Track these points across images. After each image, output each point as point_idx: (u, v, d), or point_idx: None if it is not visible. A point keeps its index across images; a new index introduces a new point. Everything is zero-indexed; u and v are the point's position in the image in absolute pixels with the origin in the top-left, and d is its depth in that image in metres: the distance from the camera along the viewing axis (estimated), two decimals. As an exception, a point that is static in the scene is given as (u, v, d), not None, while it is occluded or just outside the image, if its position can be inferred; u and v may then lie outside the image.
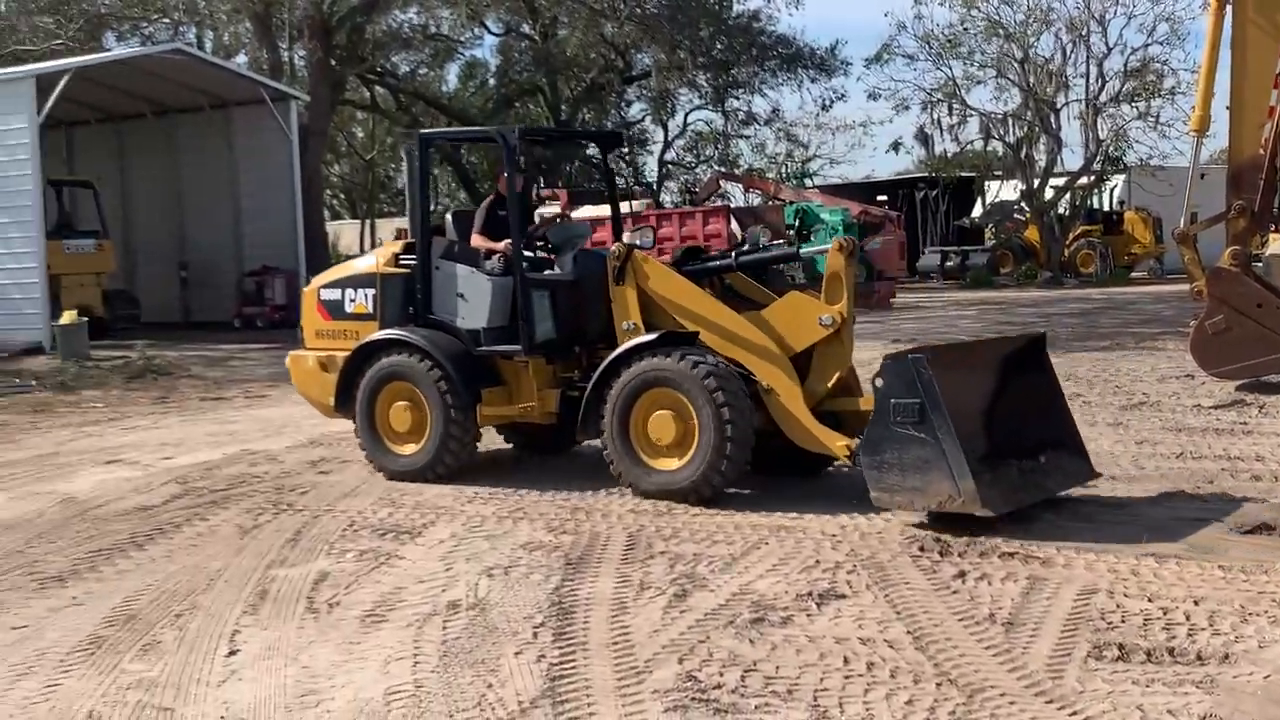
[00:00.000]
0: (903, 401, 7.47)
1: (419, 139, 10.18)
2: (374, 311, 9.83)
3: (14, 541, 8.02)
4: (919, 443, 7.39)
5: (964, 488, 7.25)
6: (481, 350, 9.42)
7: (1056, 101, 41.96)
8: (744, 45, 43.01)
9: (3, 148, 22.55)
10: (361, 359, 9.62)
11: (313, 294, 10.34)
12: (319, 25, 31.08)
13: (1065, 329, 21.90)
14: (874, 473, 7.61)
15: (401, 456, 9.52)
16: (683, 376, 8.33)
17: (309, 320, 10.32)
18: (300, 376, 10.42)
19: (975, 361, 8.48)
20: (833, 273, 8.53)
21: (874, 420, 7.68)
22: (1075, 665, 5.22)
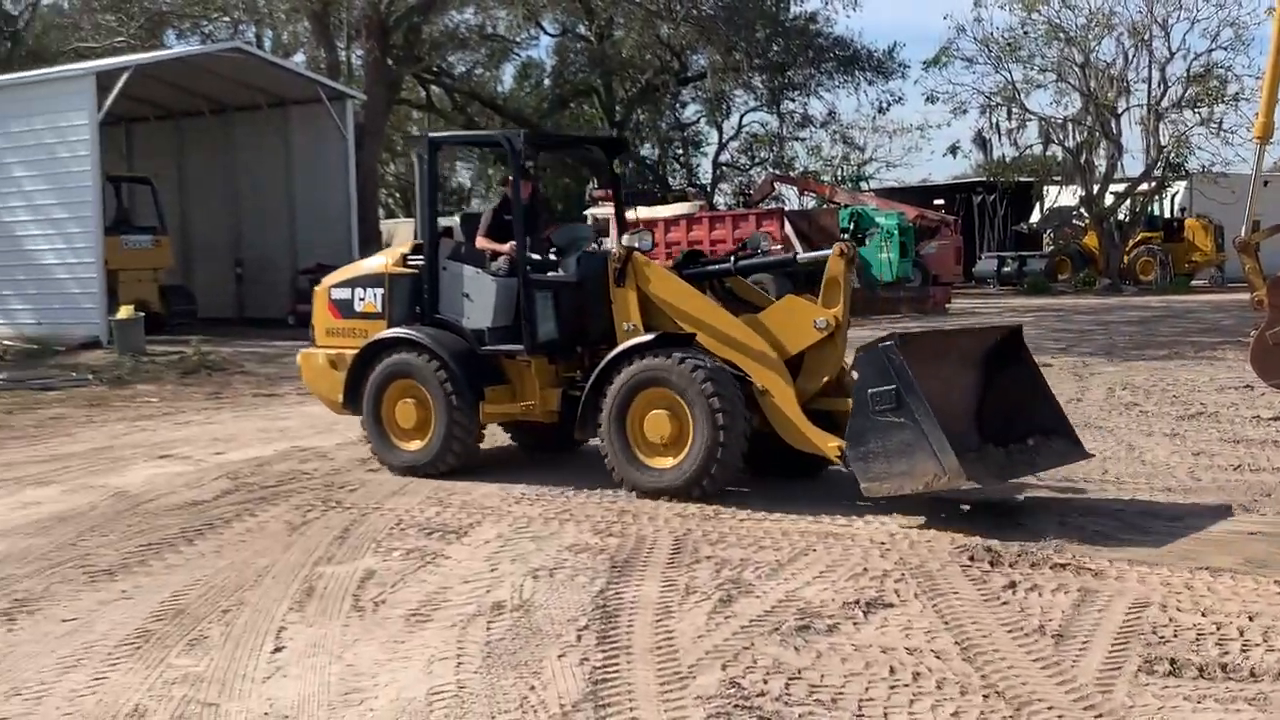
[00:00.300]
0: (879, 390, 7.68)
1: (427, 142, 10.42)
2: (382, 310, 10.07)
3: (66, 534, 8.10)
4: (899, 428, 7.58)
5: (947, 464, 7.43)
6: (485, 349, 9.62)
7: (1117, 106, 41.52)
8: (800, 47, 42.91)
9: (63, 144, 22.81)
10: (369, 357, 9.85)
11: (324, 293, 10.56)
12: (376, 25, 31.28)
13: (1123, 337, 21.64)
14: (861, 464, 7.82)
15: (406, 452, 9.73)
16: (678, 376, 8.52)
17: (320, 318, 10.55)
18: (310, 373, 10.66)
19: (951, 350, 8.66)
20: (831, 277, 8.65)
21: (854, 413, 7.90)
22: (1125, 679, 5.13)
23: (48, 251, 23.16)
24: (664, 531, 7.74)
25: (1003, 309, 31.54)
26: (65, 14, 41.53)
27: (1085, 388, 14.50)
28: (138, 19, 37.42)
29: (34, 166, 23.18)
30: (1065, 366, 16.76)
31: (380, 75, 32.14)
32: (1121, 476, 9.37)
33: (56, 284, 23.06)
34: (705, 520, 8.02)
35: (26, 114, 23.36)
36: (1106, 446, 10.60)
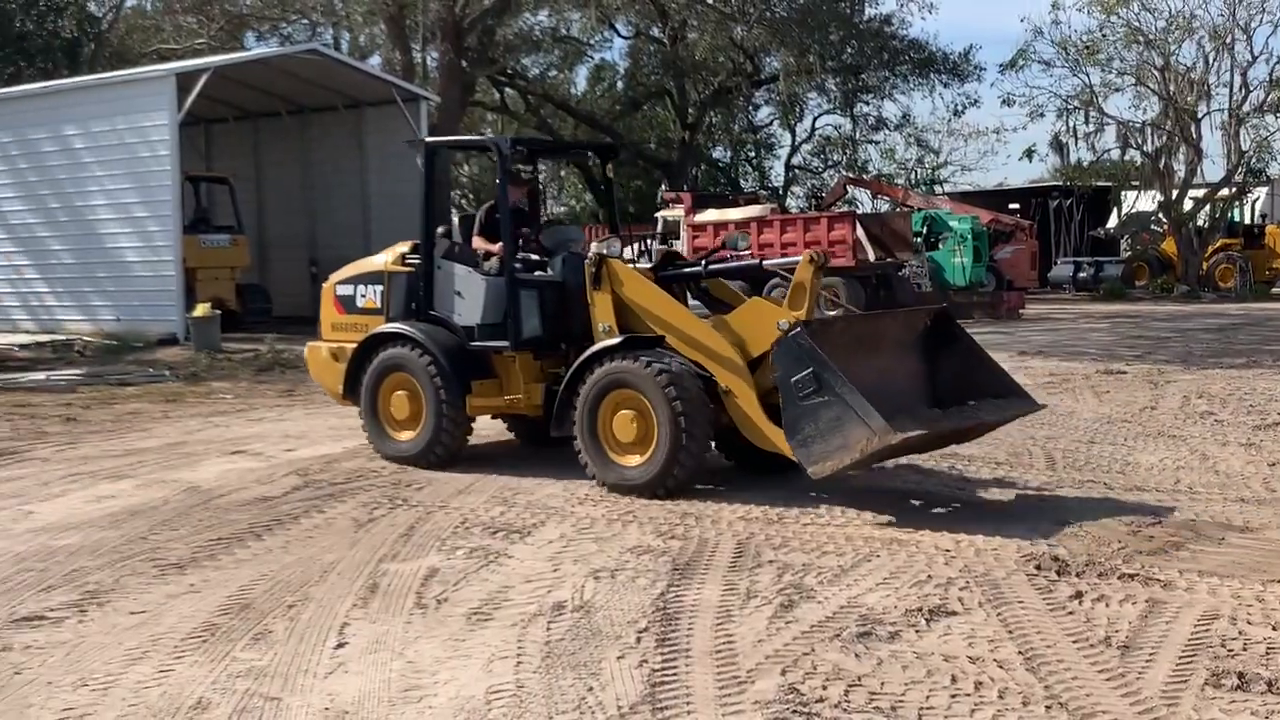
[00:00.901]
0: (799, 376, 7.98)
1: (424, 147, 10.82)
2: (381, 306, 10.65)
3: (138, 528, 8.23)
4: (825, 406, 7.87)
5: (874, 424, 7.67)
6: (475, 345, 10.09)
7: (1197, 111, 40.85)
8: (875, 50, 42.69)
9: (144, 144, 23.19)
10: (367, 350, 10.38)
11: (330, 289, 11.16)
12: (451, 27, 31.51)
13: (1200, 345, 21.28)
14: (803, 450, 8.04)
15: (399, 442, 10.24)
16: (641, 378, 8.84)
17: (326, 313, 11.16)
18: (316, 366, 11.28)
19: (873, 332, 9.11)
20: (798, 282, 8.91)
21: (785, 405, 8.15)
22: (1192, 693, 5.05)
23: (128, 249, 23.55)
24: (726, 535, 7.73)
25: (1077, 315, 31.14)
26: (148, 16, 42.28)
27: (1160, 396, 14.28)
28: (218, 21, 38.00)
29: (115, 166, 23.58)
30: (1140, 374, 16.52)
31: (454, 77, 32.38)
32: (1194, 486, 9.22)
33: (136, 281, 23.45)
34: (768, 524, 7.99)
35: (108, 114, 23.78)
36: (1180, 456, 10.45)
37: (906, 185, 46.67)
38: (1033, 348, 20.81)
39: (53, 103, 25.19)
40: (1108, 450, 10.75)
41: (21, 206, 24.92)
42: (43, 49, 36.46)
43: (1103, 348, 21.01)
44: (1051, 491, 9.09)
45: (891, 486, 9.23)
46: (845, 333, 8.79)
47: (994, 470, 9.88)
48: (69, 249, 24.42)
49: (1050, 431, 11.78)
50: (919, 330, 9.11)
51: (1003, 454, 10.56)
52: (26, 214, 24.88)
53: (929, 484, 9.38)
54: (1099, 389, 15.04)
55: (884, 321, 9.68)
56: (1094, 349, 20.80)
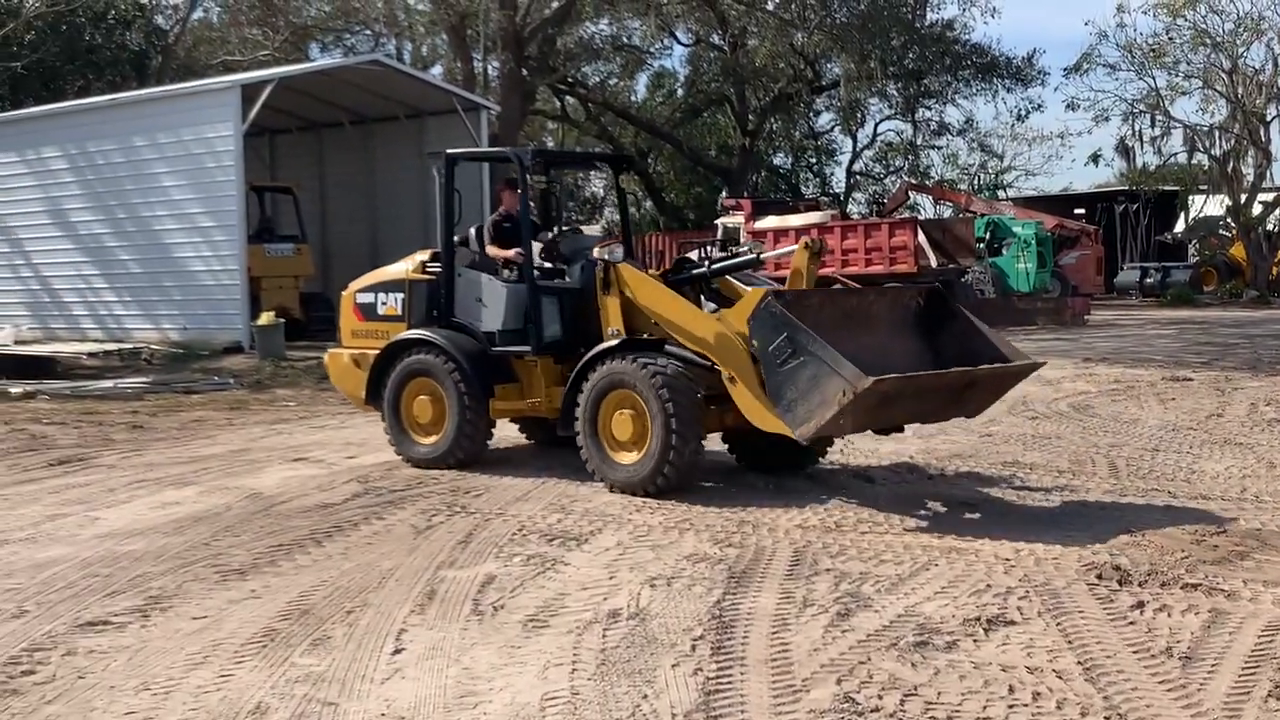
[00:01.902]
0: (774, 343, 8.18)
1: (445, 158, 10.95)
2: (403, 314, 10.90)
3: (201, 534, 8.34)
4: (802, 366, 8.02)
5: (847, 373, 7.73)
6: (496, 350, 10.34)
7: (1266, 113, 40.30)
8: (937, 54, 42.42)
9: (209, 154, 23.50)
10: (390, 356, 10.64)
11: (350, 297, 11.46)
12: (512, 37, 31.70)
13: (1269, 351, 20.94)
14: (789, 415, 8.19)
15: (422, 445, 10.48)
16: (636, 378, 9.11)
17: (346, 320, 11.45)
18: (336, 372, 11.51)
19: (855, 307, 9.26)
20: (795, 269, 9.44)
21: (766, 375, 8.37)
22: (1254, 705, 4.97)
23: (193, 259, 23.86)
24: (783, 543, 7.71)
25: (1144, 321, 30.76)
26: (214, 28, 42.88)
27: (1226, 403, 14.07)
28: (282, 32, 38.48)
29: (181, 176, 23.90)
30: (1207, 381, 16.29)
31: (515, 86, 32.56)
32: (1261, 495, 9.08)
33: (201, 290, 23.75)
34: (826, 533, 7.96)
35: (175, 125, 24.13)
36: (1246, 464, 10.29)
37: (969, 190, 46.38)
38: (1098, 354, 20.58)
39: (120, 114, 25.59)
40: (1172, 458, 10.61)
41: (90, 217, 25.30)
42: (111, 61, 37.06)
43: (1169, 354, 20.74)
44: (1114, 500, 8.99)
45: (950, 494, 9.17)
46: (826, 306, 8.91)
47: (1056, 479, 9.78)
48: (136, 258, 24.77)
49: (1114, 439, 11.65)
50: (913, 309, 9.25)
51: (1065, 462, 10.46)
52: (94, 224, 25.26)
53: (989, 492, 9.31)
54: (1164, 396, 14.85)
55: (870, 298, 9.70)
56: (1160, 355, 20.54)
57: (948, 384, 8.58)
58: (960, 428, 11.36)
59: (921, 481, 9.55)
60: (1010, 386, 9.27)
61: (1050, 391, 15.29)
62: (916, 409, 8.72)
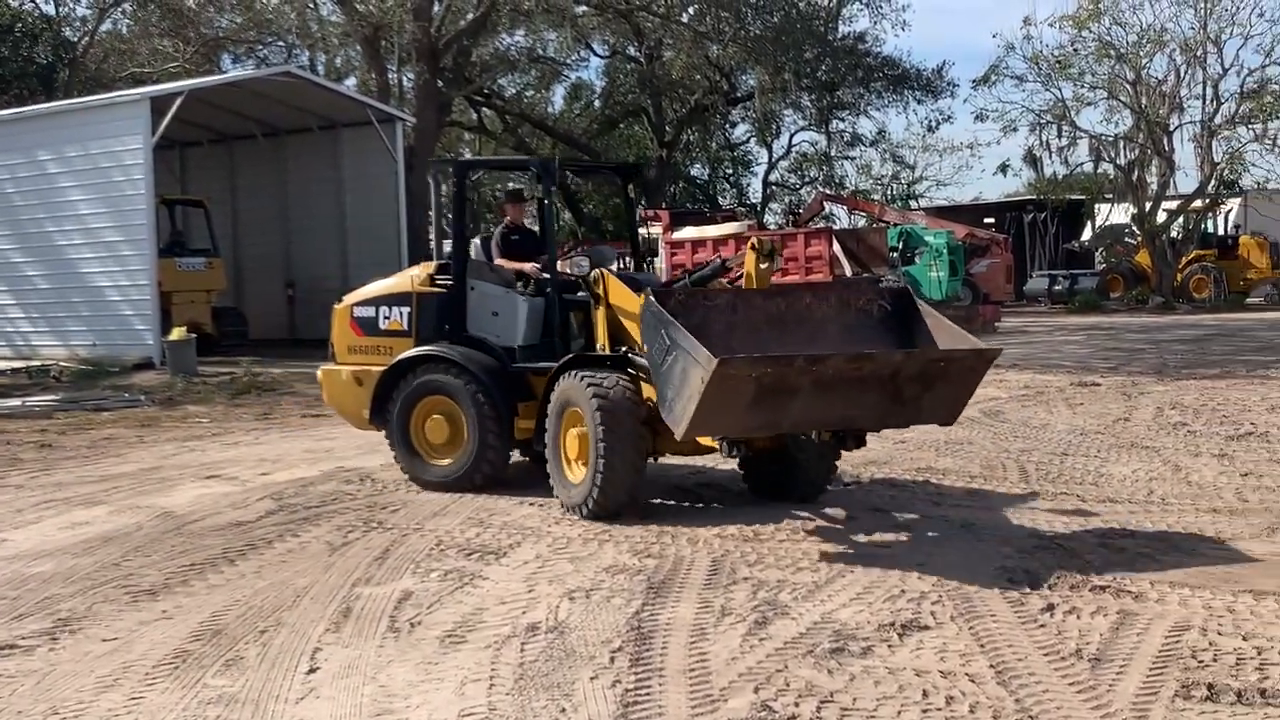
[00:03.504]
0: (654, 343, 7.85)
1: (455, 166, 10.58)
2: (409, 329, 10.30)
3: (111, 554, 8.19)
4: (674, 362, 7.59)
5: (700, 357, 7.26)
6: (516, 366, 9.83)
7: (1170, 123, 41.19)
8: (849, 67, 42.90)
9: (118, 167, 23.16)
10: (398, 374, 10.05)
11: (345, 311, 10.84)
12: (427, 48, 31.52)
13: (1174, 356, 21.41)
14: (670, 416, 7.73)
15: (437, 467, 9.94)
16: (580, 397, 8.73)
17: (340, 336, 10.84)
18: (333, 391, 10.99)
19: (780, 308, 8.55)
20: (746, 271, 8.93)
21: (653, 377, 7.99)
22: (1162, 705, 5.07)
23: (102, 274, 23.49)
24: (702, 553, 7.73)
25: (1053, 327, 31.29)
26: (123, 40, 42.19)
27: (1133, 407, 14.36)
28: (193, 44, 37.97)
29: (89, 190, 23.54)
30: (1114, 386, 16.62)
31: (431, 98, 32.37)
32: (1167, 497, 9.27)
33: (111, 306, 23.39)
34: (744, 542, 8.00)
35: (82, 139, 23.76)
36: (1153, 467, 10.51)
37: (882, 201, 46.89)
38: (1008, 360, 20.86)
39: (26, 128, 25.16)
40: (1081, 462, 10.81)
41: (-4, 233, 24.85)
42: (18, 75, 36.38)
43: (1077, 360, 21.13)
44: (1025, 504, 9.13)
45: (866, 501, 9.27)
46: (737, 306, 8.37)
47: (968, 483, 9.93)
48: (44, 274, 24.35)
49: (1024, 444, 11.84)
50: (872, 310, 8.58)
51: (976, 467, 10.62)
52: (0, 240, 24.79)
53: (903, 498, 9.42)
54: (1073, 401, 15.12)
55: (807, 299, 8.76)
56: (1069, 361, 20.92)
57: (861, 375, 7.59)
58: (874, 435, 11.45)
59: (837, 489, 9.62)
60: (967, 380, 7.95)
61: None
62: (831, 408, 7.71)
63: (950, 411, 8.10)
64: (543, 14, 35.53)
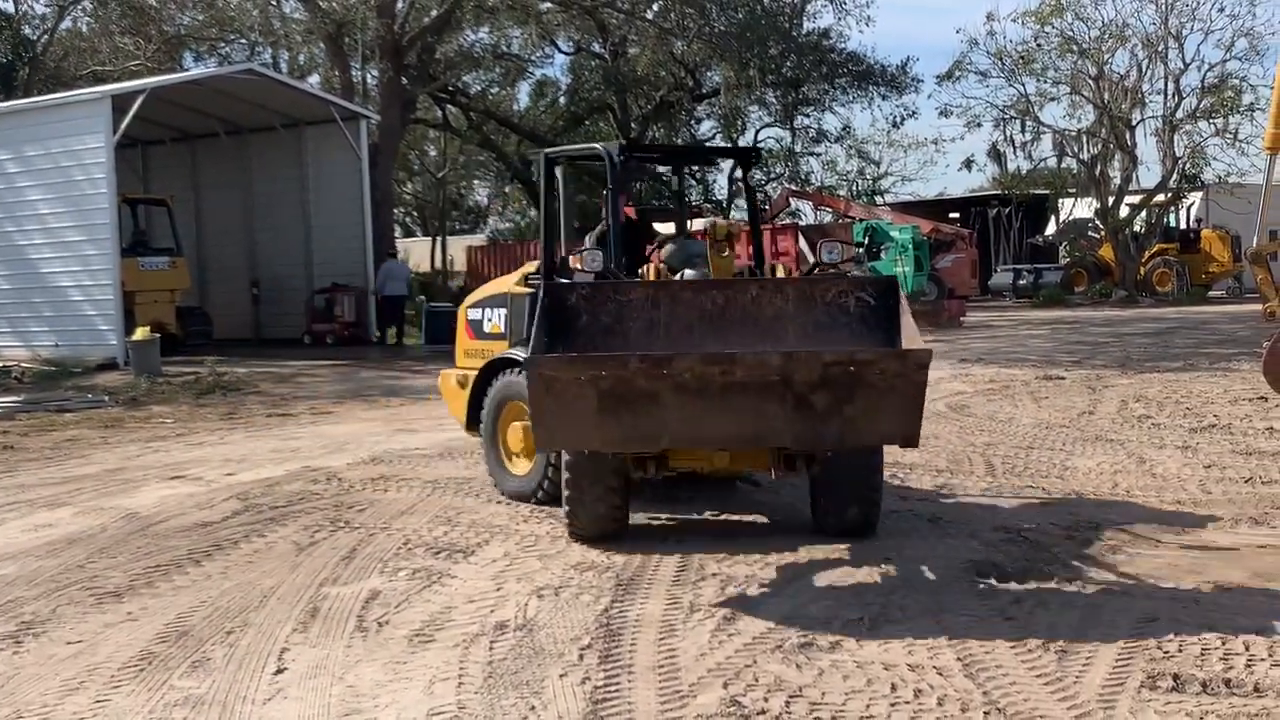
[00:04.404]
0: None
1: (542, 159, 9.84)
2: (505, 331, 9.86)
3: (76, 556, 8.13)
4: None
5: (524, 359, 6.89)
6: None
7: (1132, 118, 41.53)
8: (814, 63, 42.93)
9: (79, 167, 22.99)
10: (486, 378, 9.57)
11: (463, 313, 10.54)
12: (390, 46, 31.42)
13: (1137, 349, 21.57)
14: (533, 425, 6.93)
15: (514, 477, 9.41)
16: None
17: (459, 339, 10.53)
18: (446, 394, 10.72)
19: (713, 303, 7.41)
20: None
21: None
22: (1128, 695, 5.10)
23: (64, 274, 23.33)
24: (671, 549, 7.73)
25: (1018, 321, 31.47)
26: (84, 38, 41.84)
27: (1098, 400, 14.45)
28: (155, 42, 37.69)
29: (50, 190, 23.36)
30: (1078, 379, 16.72)
31: (395, 95, 32.28)
32: (1131, 490, 9.34)
33: (73, 306, 23.23)
34: (713, 538, 8.00)
35: (42, 138, 23.57)
36: (1117, 459, 10.58)
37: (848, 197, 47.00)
38: (973, 355, 21.01)
39: (-15, 127, 24.92)
40: (1046, 455, 10.87)
41: (-45, 233, 24.63)
42: (-25, 73, 36.07)
43: (1042, 354, 21.25)
44: (991, 498, 9.18)
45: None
46: (653, 301, 7.27)
47: (935, 478, 9.96)
48: (4, 274, 24.19)
49: (990, 438, 11.90)
50: (845, 305, 7.30)
51: (943, 461, 10.66)
52: (-40, 240, 24.60)
53: (871, 493, 9.43)
54: (1038, 395, 15.20)
55: (752, 293, 7.42)
56: (1033, 355, 21.04)
57: (739, 382, 6.34)
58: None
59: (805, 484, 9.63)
60: (901, 388, 6.48)
61: (928, 392, 15.52)
62: (722, 422, 6.50)
63: (899, 428, 6.62)
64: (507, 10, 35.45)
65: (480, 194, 65.94)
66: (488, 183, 62.02)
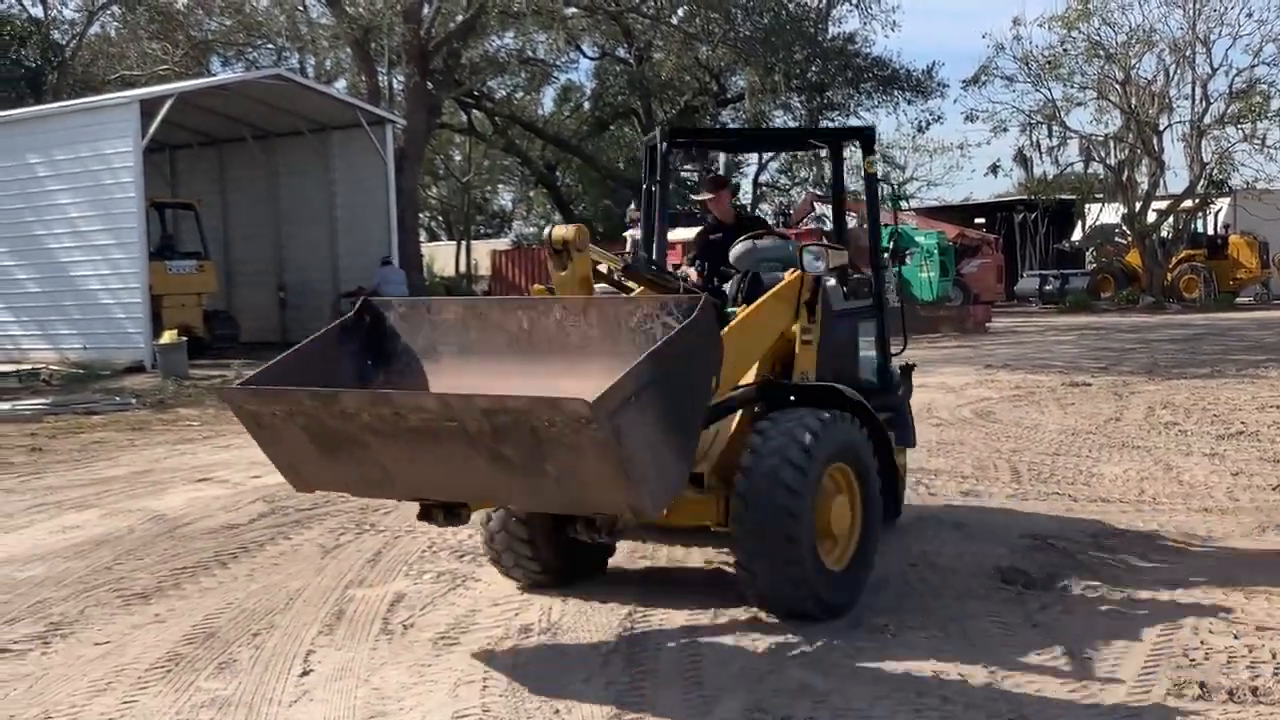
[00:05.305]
0: None
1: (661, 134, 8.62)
2: None
3: (103, 558, 8.18)
4: None
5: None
6: None
7: (1159, 123, 41.30)
8: (839, 67, 42.86)
9: (108, 170, 23.11)
10: None
11: None
12: (416, 51, 31.52)
13: (1165, 355, 21.45)
14: None
15: None
16: None
17: None
18: None
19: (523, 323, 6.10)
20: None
21: None
22: (1154, 703, 5.08)
23: (92, 277, 23.45)
24: (696, 554, 7.73)
25: (1044, 327, 31.34)
26: (112, 43, 42.11)
27: (1124, 407, 14.39)
28: (182, 47, 37.91)
29: (79, 193, 23.49)
30: (1105, 386, 16.64)
31: (421, 100, 32.38)
32: (1158, 496, 9.29)
33: (101, 309, 23.34)
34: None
35: (72, 142, 23.71)
36: (1144, 466, 10.53)
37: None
38: (999, 361, 20.93)
39: (15, 131, 25.09)
40: (1072, 462, 10.83)
41: (-15, 236, 24.81)
42: (6, 78, 36.30)
43: (1068, 360, 21.15)
44: (1016, 504, 9.14)
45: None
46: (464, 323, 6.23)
47: (960, 484, 9.93)
48: (34, 278, 24.30)
49: (1016, 444, 11.85)
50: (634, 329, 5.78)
51: (968, 468, 10.63)
52: (-10, 244, 24.78)
53: (896, 499, 9.40)
54: (1064, 401, 15.14)
55: (557, 313, 6.08)
56: (1060, 361, 20.94)
57: (415, 427, 5.24)
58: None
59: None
60: (582, 447, 4.91)
61: (954, 398, 15.52)
62: (430, 471, 5.48)
63: (611, 496, 5.19)
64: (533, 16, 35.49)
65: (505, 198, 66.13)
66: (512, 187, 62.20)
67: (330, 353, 6.19)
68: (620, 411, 4.83)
